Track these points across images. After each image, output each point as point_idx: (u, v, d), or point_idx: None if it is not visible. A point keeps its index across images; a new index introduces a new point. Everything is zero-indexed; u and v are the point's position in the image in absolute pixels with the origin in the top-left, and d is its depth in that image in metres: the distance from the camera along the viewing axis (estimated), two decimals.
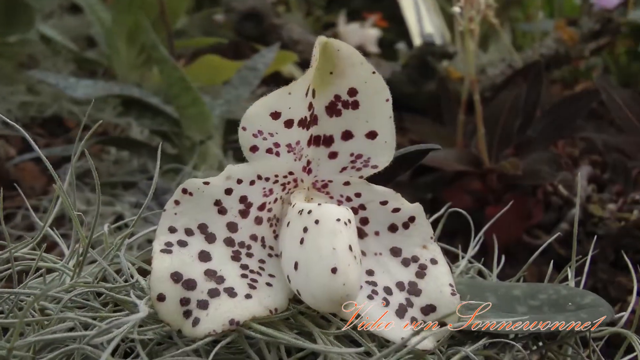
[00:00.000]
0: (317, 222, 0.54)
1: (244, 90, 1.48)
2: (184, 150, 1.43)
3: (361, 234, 0.62)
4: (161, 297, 0.53)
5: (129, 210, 1.27)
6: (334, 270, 0.52)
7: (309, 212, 0.55)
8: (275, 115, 0.56)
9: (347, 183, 0.62)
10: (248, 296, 0.55)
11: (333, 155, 0.61)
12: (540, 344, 0.65)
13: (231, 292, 0.55)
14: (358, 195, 0.63)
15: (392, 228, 0.63)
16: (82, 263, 0.61)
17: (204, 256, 0.56)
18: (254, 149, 0.58)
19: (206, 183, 0.57)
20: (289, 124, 0.57)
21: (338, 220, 0.54)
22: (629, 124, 1.08)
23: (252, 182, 0.59)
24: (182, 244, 0.56)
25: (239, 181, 0.58)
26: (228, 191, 0.58)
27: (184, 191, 0.57)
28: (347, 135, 0.60)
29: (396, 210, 0.63)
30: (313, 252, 0.53)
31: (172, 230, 0.56)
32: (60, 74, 1.72)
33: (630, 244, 1.15)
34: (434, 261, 0.63)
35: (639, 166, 1.29)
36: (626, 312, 0.66)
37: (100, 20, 1.83)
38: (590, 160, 1.56)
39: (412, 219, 0.63)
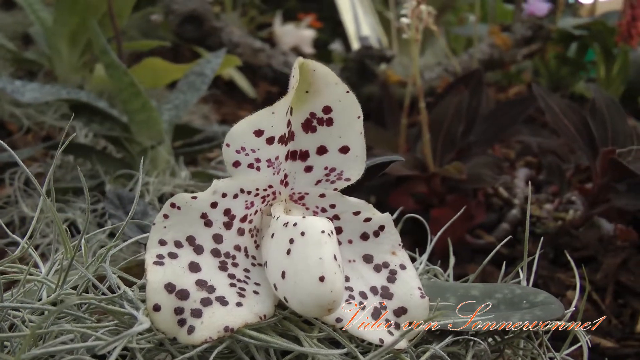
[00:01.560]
0: (303, 234, 0.58)
1: (191, 96, 1.49)
2: (134, 156, 1.43)
3: None
4: (157, 307, 0.55)
5: (80, 217, 1.27)
6: (321, 279, 0.55)
7: (295, 224, 0.59)
8: (259, 133, 0.60)
9: (322, 195, 0.66)
10: (239, 304, 0.58)
11: (309, 169, 0.65)
12: (498, 338, 0.70)
13: (223, 301, 0.58)
14: (333, 206, 0.67)
15: (364, 236, 0.68)
16: (66, 274, 0.63)
17: (194, 267, 0.59)
18: (236, 164, 0.61)
19: (194, 197, 0.60)
20: (270, 140, 0.61)
21: (323, 231, 0.58)
22: (564, 129, 1.15)
23: (235, 196, 0.62)
24: (173, 255, 0.59)
25: (224, 195, 0.62)
26: (213, 204, 0.61)
27: (173, 205, 0.60)
28: (321, 150, 0.64)
29: (367, 219, 0.67)
30: (300, 262, 0.57)
31: (162, 242, 0.59)
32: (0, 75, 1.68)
33: (567, 242, 1.22)
34: (403, 266, 0.67)
35: (573, 168, 1.37)
36: (571, 308, 0.73)
37: (40, 19, 1.79)
38: (525, 161, 1.64)
39: (382, 227, 0.68)
